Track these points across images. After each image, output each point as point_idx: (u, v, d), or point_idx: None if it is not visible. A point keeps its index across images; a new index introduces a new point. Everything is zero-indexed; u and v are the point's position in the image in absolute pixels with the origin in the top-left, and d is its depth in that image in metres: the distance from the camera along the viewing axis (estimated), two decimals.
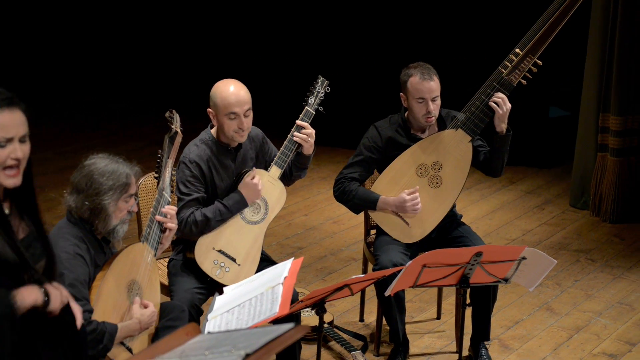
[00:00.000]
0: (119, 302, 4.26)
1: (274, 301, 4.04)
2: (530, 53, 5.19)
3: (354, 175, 5.31)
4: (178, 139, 4.65)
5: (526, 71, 5.20)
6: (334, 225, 7.40)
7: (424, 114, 5.18)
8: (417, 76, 5.14)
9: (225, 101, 4.83)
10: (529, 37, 5.20)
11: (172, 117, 4.69)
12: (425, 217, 5.23)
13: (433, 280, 4.55)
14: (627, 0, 7.17)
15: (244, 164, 5.02)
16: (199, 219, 4.83)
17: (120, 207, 4.26)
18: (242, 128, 4.86)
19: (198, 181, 4.89)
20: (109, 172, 4.22)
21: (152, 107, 10.21)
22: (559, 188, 8.25)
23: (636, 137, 7.47)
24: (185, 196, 4.86)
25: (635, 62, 7.31)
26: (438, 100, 5.19)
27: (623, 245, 7.12)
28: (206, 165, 4.90)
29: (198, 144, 4.95)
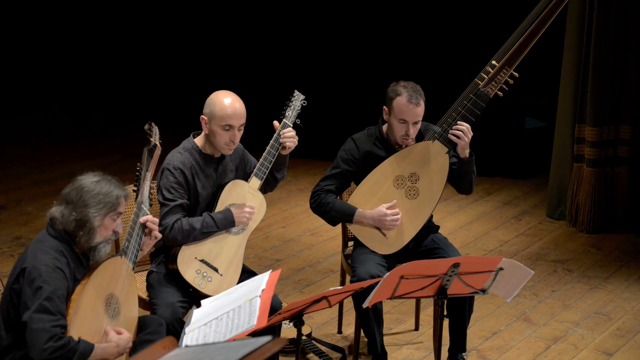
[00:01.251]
0: (97, 317, 4.24)
1: (252, 314, 4.04)
2: (507, 65, 5.21)
3: (331, 187, 5.32)
4: (157, 152, 4.65)
5: (502, 83, 5.22)
6: (312, 237, 7.40)
7: (402, 135, 5.19)
8: (405, 97, 5.13)
9: (224, 112, 4.86)
10: (505, 49, 5.23)
11: (151, 129, 4.69)
12: (403, 228, 5.24)
13: (411, 292, 4.55)
14: (602, 12, 7.22)
15: (224, 175, 5.04)
16: (185, 228, 4.83)
17: (105, 224, 4.26)
18: (233, 141, 4.90)
19: (182, 187, 4.90)
20: (100, 188, 4.25)
21: (129, 120, 10.19)
22: (536, 199, 8.28)
23: (612, 147, 7.52)
24: (170, 202, 4.87)
25: (611, 73, 7.36)
26: (419, 124, 5.20)
27: (600, 255, 7.16)
28: (189, 172, 4.92)
29: (181, 152, 4.96)
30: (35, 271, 4.11)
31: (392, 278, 4.41)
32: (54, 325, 4.05)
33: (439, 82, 8.42)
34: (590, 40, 7.31)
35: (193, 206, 4.96)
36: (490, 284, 4.60)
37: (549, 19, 5.22)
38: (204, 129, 4.94)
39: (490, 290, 4.64)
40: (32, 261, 4.15)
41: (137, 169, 4.62)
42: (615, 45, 7.31)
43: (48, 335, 4.03)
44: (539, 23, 5.22)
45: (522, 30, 5.23)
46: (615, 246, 7.31)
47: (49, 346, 4.03)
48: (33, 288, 4.09)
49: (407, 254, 5.25)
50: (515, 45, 5.21)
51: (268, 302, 4.11)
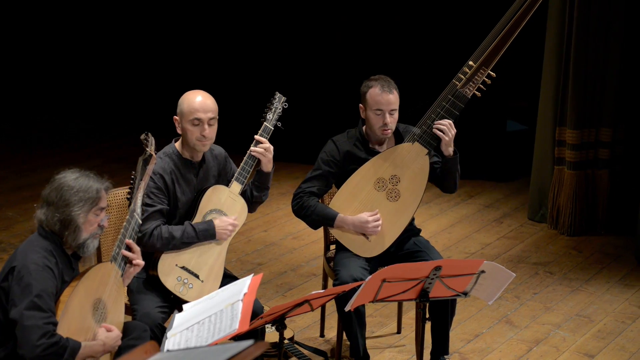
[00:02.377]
0: (84, 320, 4.24)
1: (234, 318, 4.03)
2: (484, 65, 5.23)
3: (313, 189, 5.32)
4: (152, 161, 4.65)
5: (480, 83, 5.24)
6: (294, 241, 7.39)
7: (381, 126, 5.20)
8: (377, 88, 5.17)
9: (191, 107, 4.86)
10: (482, 49, 5.25)
11: (147, 139, 4.69)
12: (385, 231, 5.24)
13: (393, 295, 4.56)
14: (582, 15, 7.25)
15: (205, 180, 5.02)
16: (165, 236, 4.82)
17: (90, 220, 4.26)
18: (204, 135, 4.87)
19: (162, 193, 4.89)
20: (79, 185, 4.25)
21: (111, 126, 10.16)
22: (517, 201, 8.30)
23: (592, 150, 7.55)
24: (149, 207, 4.85)
25: (591, 76, 7.39)
26: (396, 113, 5.21)
27: (581, 257, 7.18)
28: (169, 177, 4.91)
29: (162, 157, 4.95)
30: (25, 269, 4.12)
31: (374, 281, 4.41)
32: (46, 322, 4.06)
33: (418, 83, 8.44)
34: (570, 43, 7.33)
35: (172, 211, 4.94)
36: (472, 286, 4.61)
37: (524, 18, 5.24)
38: (178, 129, 4.94)
39: (472, 293, 4.65)
40: (22, 260, 4.16)
41: (131, 177, 4.62)
42: (595, 48, 7.34)
43: (41, 332, 4.03)
44: (515, 23, 5.23)
45: (498, 30, 5.25)
46: (597, 249, 7.34)
47: (42, 343, 4.03)
48: (22, 285, 4.09)
49: (389, 257, 5.25)
50: (491, 45, 5.22)
51: (250, 306, 4.11)
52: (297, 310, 4.38)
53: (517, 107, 9.41)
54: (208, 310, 4.19)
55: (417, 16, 8.93)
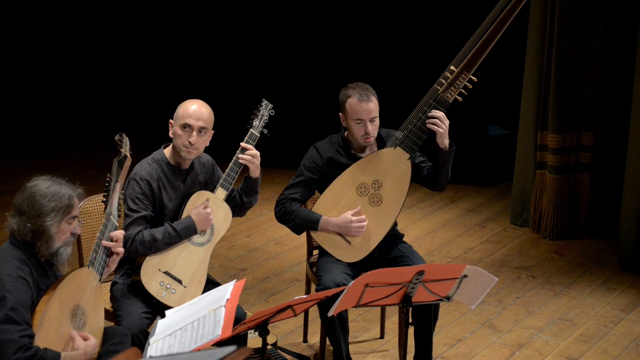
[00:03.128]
0: (63, 328, 4.21)
1: (217, 324, 4.03)
2: (465, 70, 5.24)
3: (295, 195, 5.32)
4: (127, 163, 4.63)
5: (461, 88, 5.25)
6: (277, 246, 7.39)
7: (363, 135, 5.21)
8: (355, 97, 5.17)
9: (185, 112, 4.88)
10: (463, 54, 5.26)
11: (121, 140, 4.67)
12: (367, 236, 5.24)
13: (376, 300, 4.56)
14: (564, 19, 7.28)
15: (192, 187, 5.02)
16: (147, 239, 4.80)
17: (62, 229, 4.23)
18: (191, 143, 4.86)
19: (147, 199, 4.88)
20: (51, 194, 4.20)
21: (93, 130, 10.14)
22: (500, 206, 8.32)
23: (574, 154, 7.57)
24: (134, 213, 4.84)
25: (572, 81, 7.42)
26: (377, 120, 5.22)
27: (563, 261, 7.20)
28: (156, 184, 4.90)
29: (150, 162, 4.94)
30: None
31: (357, 286, 4.41)
32: (21, 336, 4.02)
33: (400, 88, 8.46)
34: (552, 48, 7.36)
35: (159, 218, 4.93)
36: (454, 291, 4.62)
37: (505, 23, 5.25)
38: (170, 133, 4.93)
39: (454, 298, 4.66)
40: None
41: (106, 179, 4.59)
42: (576, 53, 7.36)
43: (16, 345, 4.00)
44: (496, 28, 5.25)
45: (479, 35, 5.26)
46: (579, 252, 7.36)
47: (18, 357, 3.99)
48: None
49: (372, 262, 5.25)
50: (472, 50, 5.24)
51: (233, 311, 4.10)
52: (280, 316, 4.38)
53: (499, 111, 9.44)
54: (191, 316, 4.18)
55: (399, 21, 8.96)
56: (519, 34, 7.57)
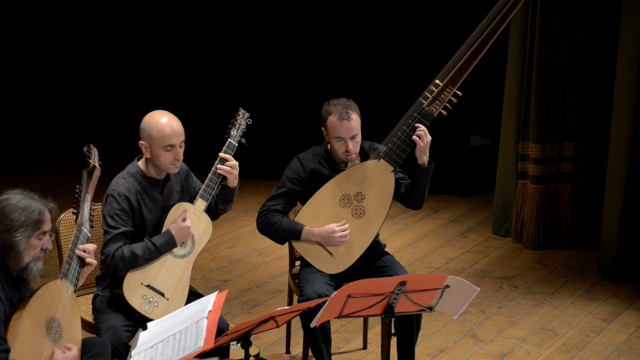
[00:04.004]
0: (38, 341, 4.18)
1: (199, 335, 4.02)
2: (450, 84, 5.26)
3: (277, 207, 5.31)
4: (96, 173, 4.62)
5: (446, 102, 5.26)
6: (259, 258, 7.38)
7: (343, 152, 5.21)
8: (336, 116, 5.17)
9: (162, 133, 4.82)
10: (448, 68, 5.27)
11: (89, 151, 4.66)
12: (350, 247, 5.24)
13: (358, 311, 4.56)
14: (544, 31, 7.31)
15: (170, 197, 5.00)
16: (127, 255, 4.78)
17: (32, 244, 4.19)
18: (177, 159, 4.87)
19: (126, 214, 4.86)
20: (21, 208, 4.16)
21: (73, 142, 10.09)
22: (482, 216, 8.33)
23: (555, 164, 7.60)
24: (113, 229, 4.82)
25: (553, 91, 7.44)
26: (358, 137, 5.22)
27: (545, 271, 7.22)
28: (135, 198, 4.88)
29: (126, 177, 4.92)
30: None
31: (339, 297, 4.41)
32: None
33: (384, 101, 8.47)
34: (532, 59, 7.39)
35: (140, 231, 4.91)
36: (437, 301, 4.62)
37: (491, 38, 5.28)
38: (145, 153, 4.89)
39: (437, 308, 4.66)
40: None
41: (76, 191, 4.57)
42: (557, 63, 7.40)
43: None
44: (481, 43, 5.27)
45: (465, 49, 5.28)
46: (560, 262, 7.38)
47: None
48: None
49: (354, 273, 5.25)
50: (458, 64, 5.25)
51: (215, 323, 4.09)
52: (262, 327, 4.37)
53: (480, 122, 9.47)
54: (173, 328, 4.17)
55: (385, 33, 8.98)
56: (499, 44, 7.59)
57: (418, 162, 5.25)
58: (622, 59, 6.88)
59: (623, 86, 6.89)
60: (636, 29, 6.75)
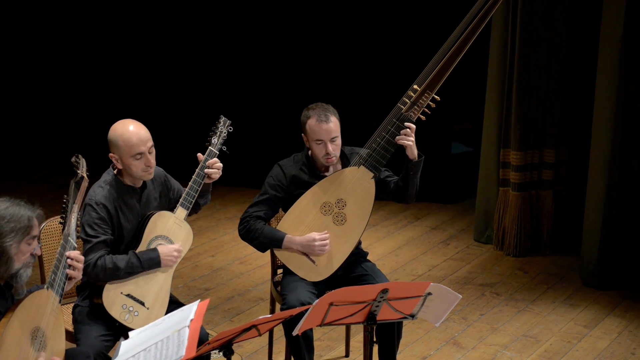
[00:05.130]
0: (23, 350, 4.17)
1: (180, 344, 4.01)
2: (428, 89, 5.27)
3: (259, 213, 5.31)
4: (84, 184, 4.60)
5: (425, 107, 5.28)
6: (241, 266, 7.37)
7: (324, 155, 5.22)
8: (314, 118, 5.19)
9: (129, 142, 4.80)
10: (426, 73, 5.29)
11: (78, 161, 4.64)
12: (332, 254, 5.25)
13: (340, 318, 4.55)
14: (524, 38, 7.33)
15: (148, 205, 4.98)
16: (109, 267, 4.76)
17: (22, 250, 4.19)
18: (149, 166, 4.85)
19: (105, 223, 4.84)
20: (9, 215, 4.16)
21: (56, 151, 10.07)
22: (463, 223, 8.35)
23: (536, 171, 7.62)
24: (93, 238, 4.80)
25: (534, 99, 7.47)
26: (338, 140, 5.23)
27: (526, 278, 7.23)
28: (112, 206, 4.86)
29: (103, 186, 4.90)
30: None
31: (322, 305, 4.41)
32: None
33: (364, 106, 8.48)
34: (513, 66, 7.42)
35: (117, 240, 4.89)
36: (419, 308, 4.62)
37: (467, 43, 5.29)
38: (117, 165, 4.88)
39: (419, 315, 4.66)
40: None
41: (63, 201, 4.56)
42: (537, 71, 7.42)
43: None
44: (458, 47, 5.28)
45: (442, 54, 5.29)
46: (542, 269, 7.40)
47: None
48: None
49: (336, 281, 5.25)
50: (435, 69, 5.27)
51: (197, 332, 4.09)
52: (244, 336, 4.36)
53: (461, 129, 9.49)
54: (154, 337, 4.16)
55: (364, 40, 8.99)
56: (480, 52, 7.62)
57: (410, 158, 5.25)
58: (603, 67, 6.91)
59: (603, 94, 6.92)
60: (616, 37, 6.78)
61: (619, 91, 6.84)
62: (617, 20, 6.77)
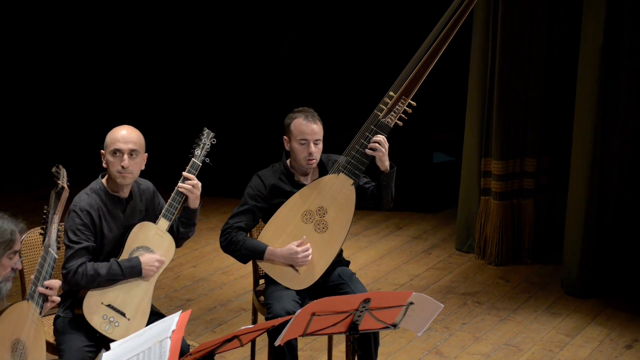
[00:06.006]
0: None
1: (162, 355, 3.99)
2: (404, 95, 5.29)
3: (240, 224, 5.30)
4: (64, 194, 4.58)
5: (401, 112, 5.30)
6: (223, 276, 7.36)
7: (306, 156, 5.22)
8: (301, 118, 5.22)
9: (112, 137, 4.84)
10: (401, 79, 5.31)
11: (58, 172, 4.62)
12: (314, 262, 5.24)
13: (323, 328, 4.55)
14: (505, 47, 7.36)
15: (133, 216, 4.97)
16: (90, 273, 4.75)
17: (3, 264, 4.17)
18: (123, 166, 4.81)
19: (88, 229, 4.82)
20: None
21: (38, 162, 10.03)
22: (445, 232, 8.36)
23: (517, 180, 7.64)
24: (75, 244, 4.79)
25: (515, 108, 7.50)
26: (320, 144, 5.25)
27: (508, 287, 7.24)
28: (96, 213, 4.85)
29: (89, 193, 4.89)
30: None
31: (304, 315, 4.40)
32: None
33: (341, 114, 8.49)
34: (494, 76, 7.44)
35: (98, 248, 4.88)
36: (401, 318, 4.62)
37: (441, 48, 5.30)
38: (103, 163, 4.88)
39: (401, 325, 4.66)
40: None
41: (44, 211, 4.54)
42: (518, 81, 7.45)
43: None
44: (432, 53, 5.30)
45: (416, 60, 5.31)
46: (523, 278, 7.42)
47: None
48: None
49: (317, 289, 5.25)
50: (410, 75, 5.29)
51: (178, 343, 4.07)
52: (226, 346, 4.35)
53: (443, 139, 9.51)
54: (136, 348, 4.14)
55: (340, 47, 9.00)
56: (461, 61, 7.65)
57: (381, 169, 5.27)
58: (583, 76, 6.94)
59: (583, 103, 6.95)
60: (596, 47, 6.82)
61: (599, 100, 6.87)
62: (597, 30, 6.81)
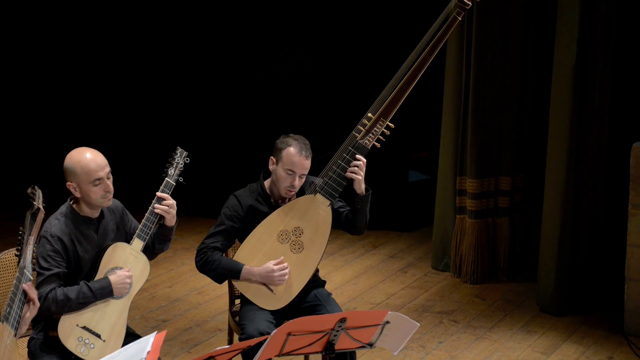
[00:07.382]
0: None
1: None
2: (382, 117, 5.30)
3: (216, 244, 5.30)
4: (40, 215, 4.55)
5: (379, 134, 5.31)
6: (199, 296, 7.33)
7: (287, 186, 5.22)
8: (296, 149, 5.20)
9: (87, 168, 4.77)
10: (379, 101, 5.32)
11: (34, 193, 4.60)
12: (290, 282, 5.24)
13: (299, 348, 4.54)
14: (479, 67, 7.40)
15: (105, 236, 4.95)
16: (60, 298, 4.72)
17: None
18: (108, 191, 4.81)
19: (59, 256, 4.79)
20: None
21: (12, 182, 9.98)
22: (421, 251, 8.37)
23: (492, 199, 7.67)
24: (45, 271, 4.75)
25: (489, 127, 7.53)
26: (304, 177, 5.26)
27: (484, 305, 7.26)
28: (68, 238, 4.81)
29: (59, 218, 4.86)
30: None
31: (280, 335, 4.39)
32: None
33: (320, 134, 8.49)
34: (468, 94, 7.48)
35: (75, 271, 4.84)
36: (377, 337, 4.62)
37: (420, 71, 5.32)
38: (75, 194, 4.84)
39: (377, 344, 4.66)
40: None
41: (19, 233, 4.51)
42: (492, 99, 7.49)
43: None
44: (411, 75, 5.32)
45: (395, 82, 5.33)
46: (499, 296, 7.43)
47: None
48: None
49: (293, 309, 5.24)
50: (389, 97, 5.30)
51: None
52: None
53: (418, 157, 9.53)
54: None
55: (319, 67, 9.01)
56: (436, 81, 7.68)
57: (357, 192, 5.28)
58: (556, 95, 6.98)
59: (557, 122, 6.99)
60: (569, 65, 6.86)
61: (572, 118, 6.91)
62: (570, 48, 6.85)
